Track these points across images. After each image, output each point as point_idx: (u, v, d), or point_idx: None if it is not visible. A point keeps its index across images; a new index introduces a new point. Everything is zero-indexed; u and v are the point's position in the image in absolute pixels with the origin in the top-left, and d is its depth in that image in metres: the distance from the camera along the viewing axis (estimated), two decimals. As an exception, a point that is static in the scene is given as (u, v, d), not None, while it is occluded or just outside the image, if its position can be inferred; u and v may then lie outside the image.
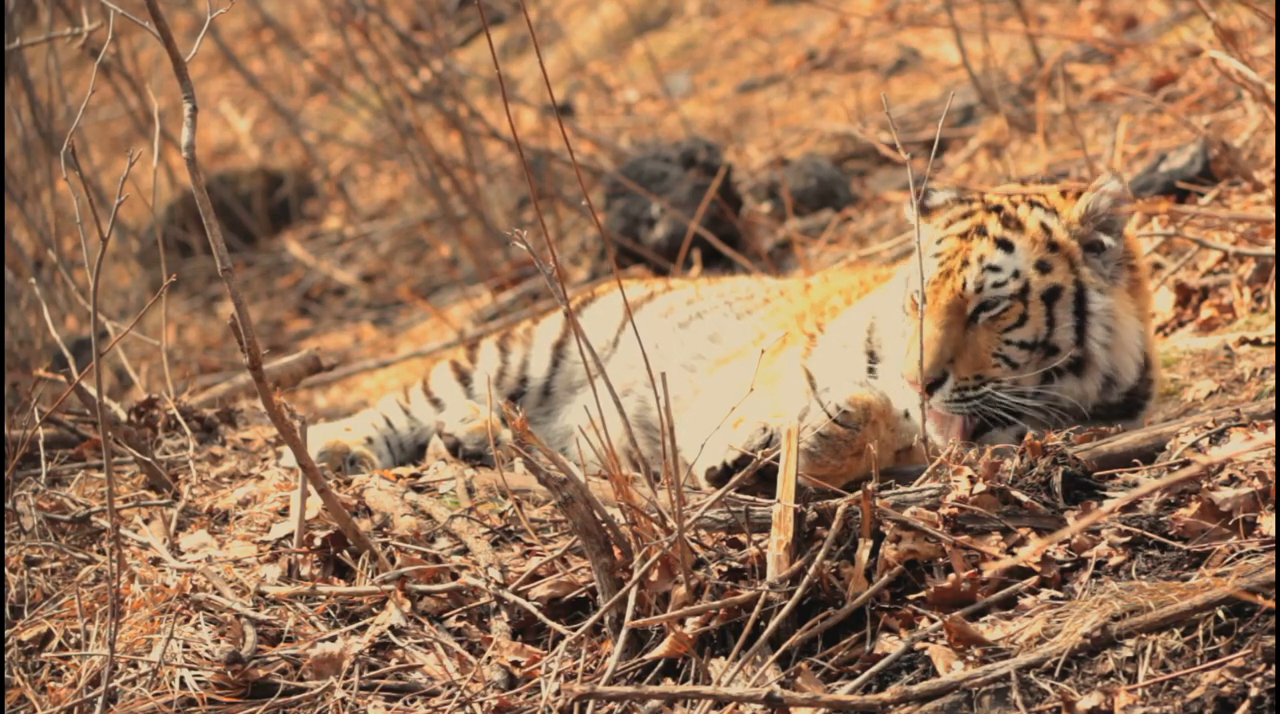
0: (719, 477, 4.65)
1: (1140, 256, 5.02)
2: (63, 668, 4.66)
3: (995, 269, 4.81)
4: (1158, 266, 6.43)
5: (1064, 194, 4.95)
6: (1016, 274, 4.80)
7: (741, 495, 4.37)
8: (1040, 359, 4.80)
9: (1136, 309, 4.90)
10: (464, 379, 5.79)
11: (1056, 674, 3.79)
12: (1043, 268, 4.82)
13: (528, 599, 4.45)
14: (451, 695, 4.31)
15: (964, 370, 4.75)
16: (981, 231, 4.86)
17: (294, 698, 4.37)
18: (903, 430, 4.70)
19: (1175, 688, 3.70)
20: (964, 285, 4.80)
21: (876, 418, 4.60)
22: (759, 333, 5.48)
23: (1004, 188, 5.13)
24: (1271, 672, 3.63)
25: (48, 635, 4.77)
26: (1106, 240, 4.86)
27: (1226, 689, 3.64)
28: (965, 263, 4.83)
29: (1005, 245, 4.84)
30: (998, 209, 4.91)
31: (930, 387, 4.72)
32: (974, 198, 5.01)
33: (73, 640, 4.72)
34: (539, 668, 4.30)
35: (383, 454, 5.62)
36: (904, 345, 4.85)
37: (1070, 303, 4.82)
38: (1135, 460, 4.42)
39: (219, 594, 4.67)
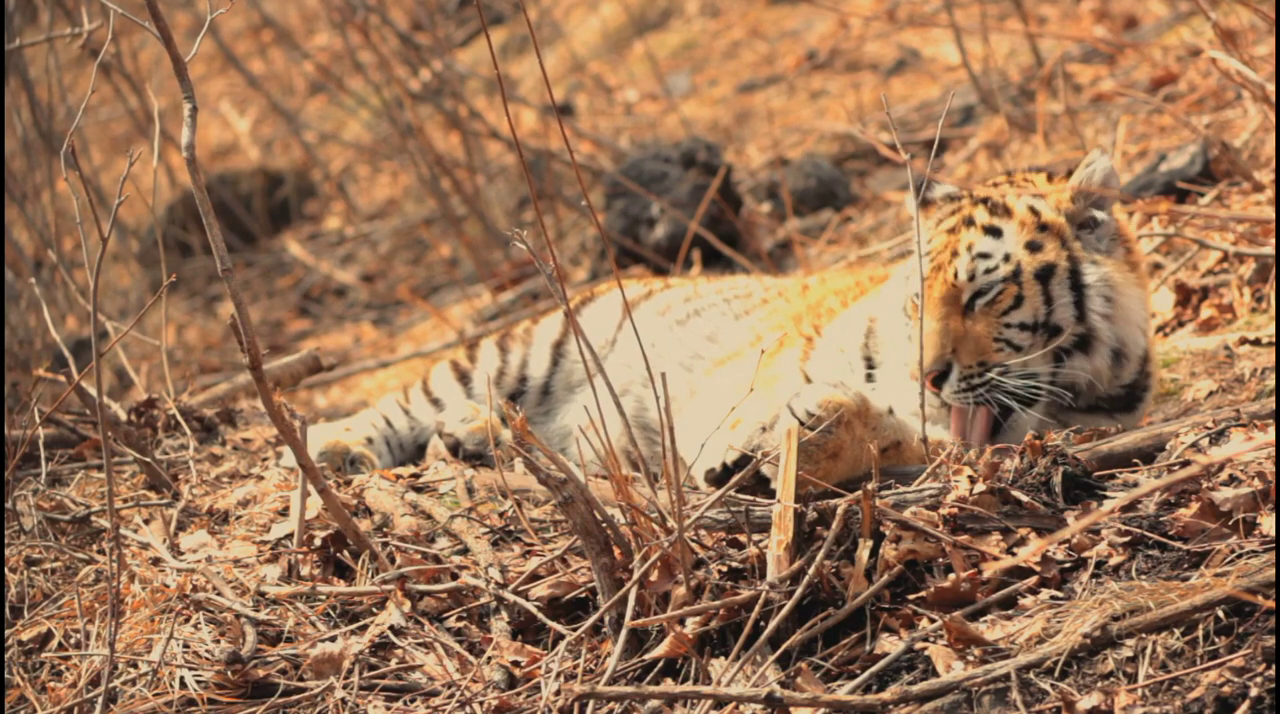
0: (718, 477, 4.65)
1: (1133, 238, 5.01)
2: (63, 668, 4.66)
3: (985, 256, 4.83)
4: (1158, 266, 6.43)
5: (1050, 178, 4.97)
6: (1007, 258, 4.83)
7: (741, 495, 4.37)
8: (1044, 340, 4.81)
9: (1136, 279, 4.89)
10: (464, 379, 5.79)
11: (1056, 674, 3.79)
12: (1033, 248, 4.84)
13: (528, 599, 4.45)
14: (451, 695, 4.31)
15: (967, 359, 4.77)
16: (969, 222, 4.89)
17: (294, 698, 4.37)
18: (885, 428, 4.68)
19: (1175, 688, 3.70)
20: (955, 275, 4.83)
21: (851, 419, 4.59)
22: (756, 335, 5.48)
23: (991, 180, 5.14)
24: (1271, 672, 3.63)
25: (48, 635, 4.77)
26: (1099, 215, 4.88)
27: (1226, 689, 3.64)
28: (955, 254, 4.86)
29: (993, 231, 4.86)
30: (985, 200, 4.94)
31: (936, 380, 4.74)
32: (964, 195, 5.03)
33: (73, 640, 4.72)
34: (539, 668, 4.30)
35: (383, 454, 5.62)
36: (908, 347, 4.85)
37: (1065, 279, 4.83)
38: (1135, 460, 4.41)
39: (219, 594, 4.67)
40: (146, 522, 5.17)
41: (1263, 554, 3.90)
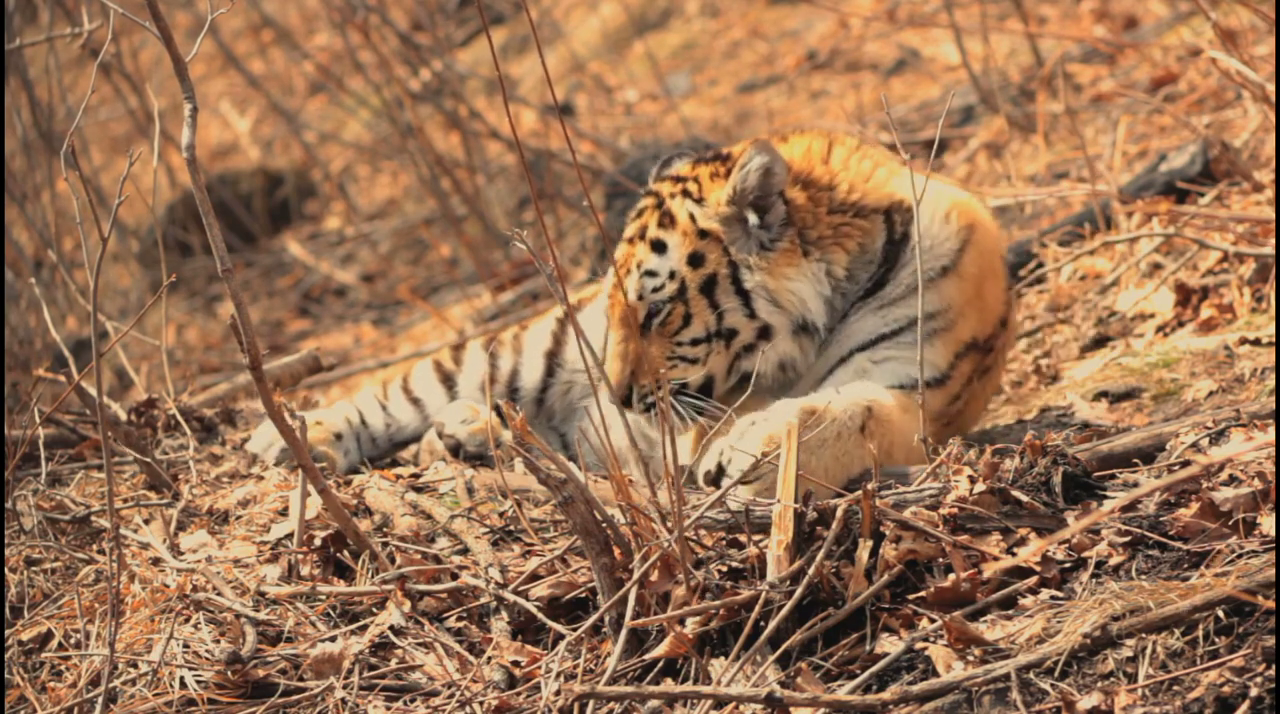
0: (716, 478, 4.65)
1: (809, 208, 5.01)
2: (63, 668, 4.66)
3: (652, 274, 4.96)
4: (1158, 266, 6.43)
5: (714, 176, 5.01)
6: (672, 275, 4.95)
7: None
8: (724, 345, 4.94)
9: (804, 263, 4.96)
10: (447, 381, 5.74)
11: (1056, 674, 3.79)
12: (695, 261, 4.95)
13: (528, 599, 4.45)
14: (451, 695, 4.31)
15: (644, 380, 4.91)
16: (643, 234, 5.00)
17: (294, 698, 4.37)
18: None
19: (1175, 688, 3.70)
20: (628, 295, 4.97)
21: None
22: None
23: (679, 168, 5.14)
24: (1271, 672, 3.63)
25: (48, 635, 4.77)
26: (754, 219, 4.94)
27: (1226, 689, 3.64)
28: (629, 271, 5.00)
29: (659, 246, 4.98)
30: (660, 204, 5.03)
31: (625, 401, 4.91)
32: (655, 189, 5.07)
33: (73, 640, 4.72)
34: (539, 668, 4.30)
35: (350, 451, 5.59)
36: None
37: (729, 286, 4.94)
38: (1135, 460, 4.42)
39: (219, 594, 4.67)
40: (146, 522, 5.16)
41: (1263, 554, 3.91)
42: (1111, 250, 6.60)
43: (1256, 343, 5.63)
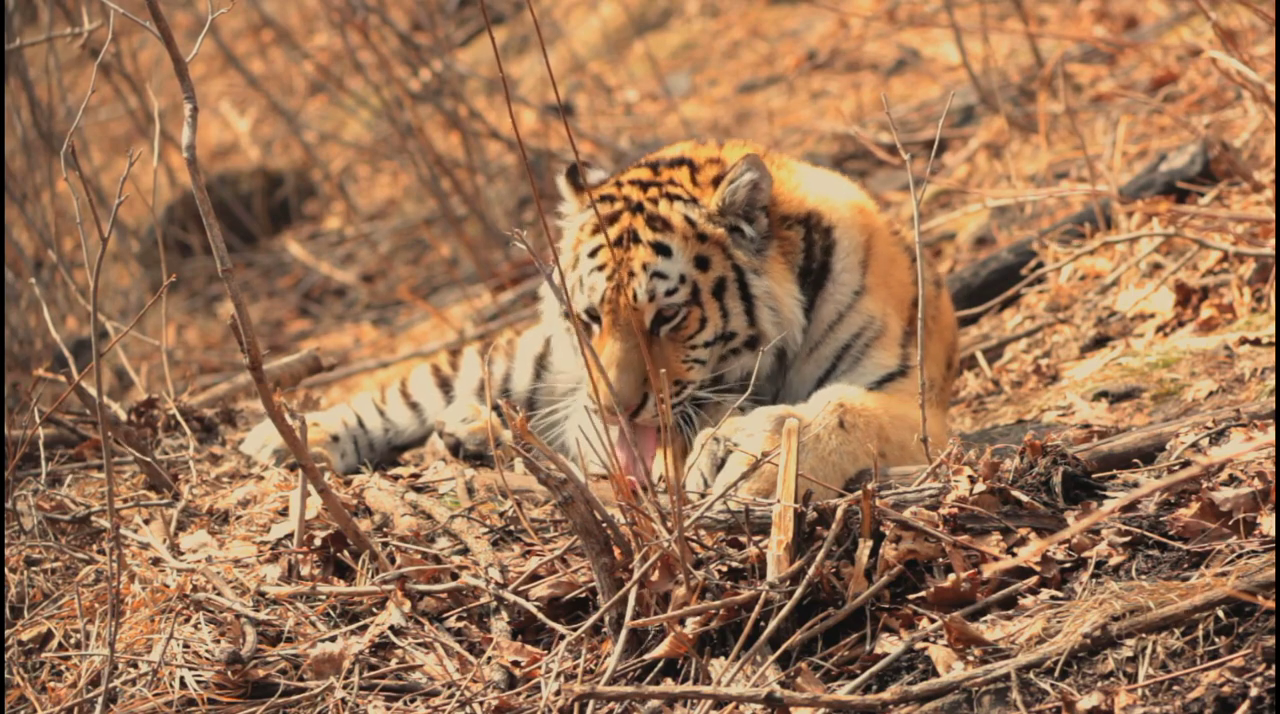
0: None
1: (786, 210, 5.01)
2: (63, 668, 4.66)
3: (662, 276, 4.86)
4: (1158, 266, 6.43)
5: (696, 181, 4.95)
6: (683, 278, 4.87)
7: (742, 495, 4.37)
8: (722, 347, 4.91)
9: (789, 274, 4.95)
10: (444, 385, 5.75)
11: (1056, 674, 3.79)
12: (702, 264, 4.88)
13: (528, 599, 4.45)
14: (451, 695, 4.31)
15: (657, 385, 4.76)
16: (635, 237, 4.89)
17: (294, 698, 4.37)
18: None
19: (1175, 688, 3.70)
20: (635, 297, 4.85)
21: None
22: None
23: (633, 174, 5.05)
24: (1271, 672, 3.63)
25: (48, 635, 4.77)
26: (748, 230, 4.92)
27: (1226, 689, 3.64)
28: (631, 273, 4.87)
29: (663, 249, 4.89)
30: (640, 208, 4.93)
31: (633, 413, 4.80)
32: (613, 194, 4.98)
33: (73, 640, 4.72)
34: (539, 668, 4.30)
35: (347, 453, 5.60)
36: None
37: (736, 290, 4.90)
38: (1135, 460, 4.42)
39: (219, 594, 4.67)
40: (146, 522, 5.17)
41: (1263, 554, 3.91)
42: (1111, 250, 6.60)
43: (1256, 343, 5.62)
